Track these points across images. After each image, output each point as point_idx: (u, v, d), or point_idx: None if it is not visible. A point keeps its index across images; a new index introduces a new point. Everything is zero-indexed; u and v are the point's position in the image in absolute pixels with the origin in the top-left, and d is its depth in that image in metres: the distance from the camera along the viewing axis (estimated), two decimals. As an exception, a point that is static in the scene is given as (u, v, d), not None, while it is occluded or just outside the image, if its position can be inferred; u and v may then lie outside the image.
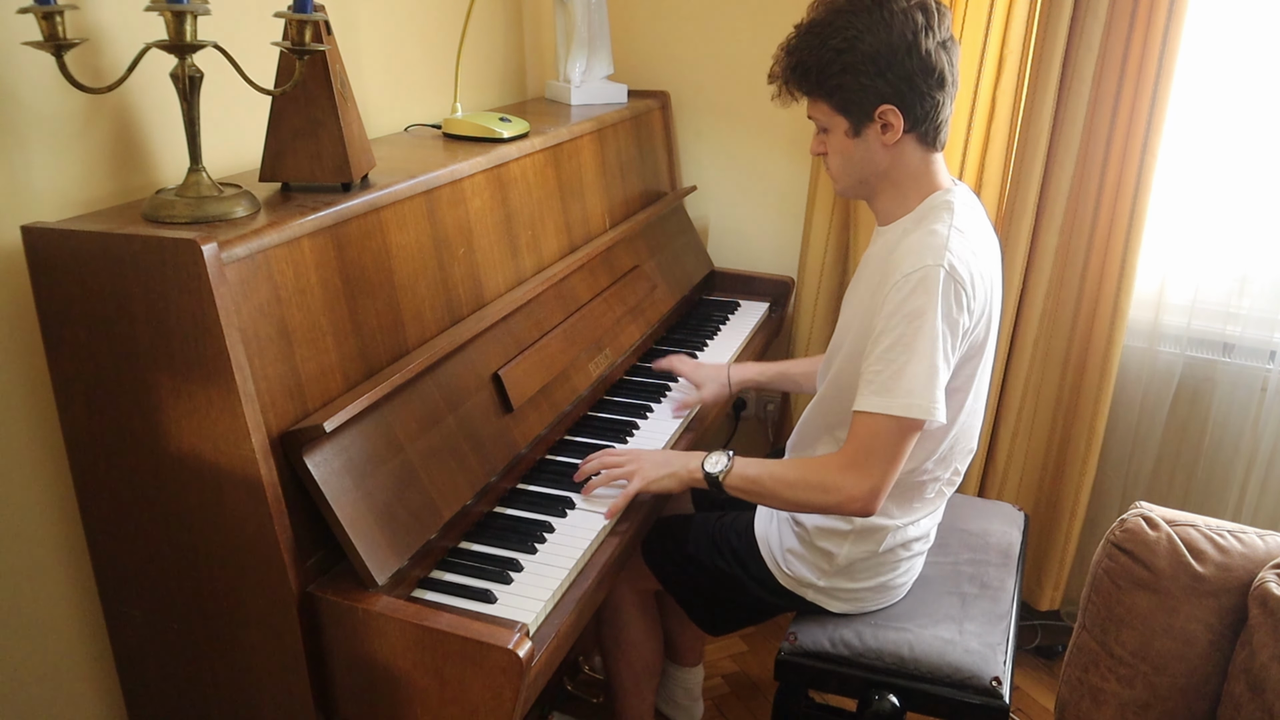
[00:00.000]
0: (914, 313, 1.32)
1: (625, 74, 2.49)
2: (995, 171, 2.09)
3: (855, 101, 1.37)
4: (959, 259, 1.34)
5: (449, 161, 1.62)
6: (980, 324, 1.40)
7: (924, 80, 1.35)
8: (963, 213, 1.41)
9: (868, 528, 1.53)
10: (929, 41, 1.34)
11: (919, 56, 1.34)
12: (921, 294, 1.32)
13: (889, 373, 1.34)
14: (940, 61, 1.35)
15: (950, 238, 1.35)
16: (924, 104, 1.37)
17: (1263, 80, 1.97)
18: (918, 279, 1.33)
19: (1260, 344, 2.06)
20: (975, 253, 1.38)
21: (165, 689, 1.39)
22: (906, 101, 1.36)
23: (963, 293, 1.34)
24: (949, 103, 1.40)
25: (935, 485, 1.55)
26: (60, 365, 1.25)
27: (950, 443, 1.50)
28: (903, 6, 1.33)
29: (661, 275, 2.25)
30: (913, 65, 1.34)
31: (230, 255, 1.16)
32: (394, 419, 1.36)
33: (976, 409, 1.53)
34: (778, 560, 1.60)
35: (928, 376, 1.32)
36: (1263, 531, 1.34)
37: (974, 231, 1.41)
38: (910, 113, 1.37)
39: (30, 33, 1.16)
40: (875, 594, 1.60)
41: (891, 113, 1.37)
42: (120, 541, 1.32)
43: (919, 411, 1.32)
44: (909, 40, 1.33)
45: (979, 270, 1.37)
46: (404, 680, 1.22)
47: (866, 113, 1.38)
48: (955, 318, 1.34)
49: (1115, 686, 1.37)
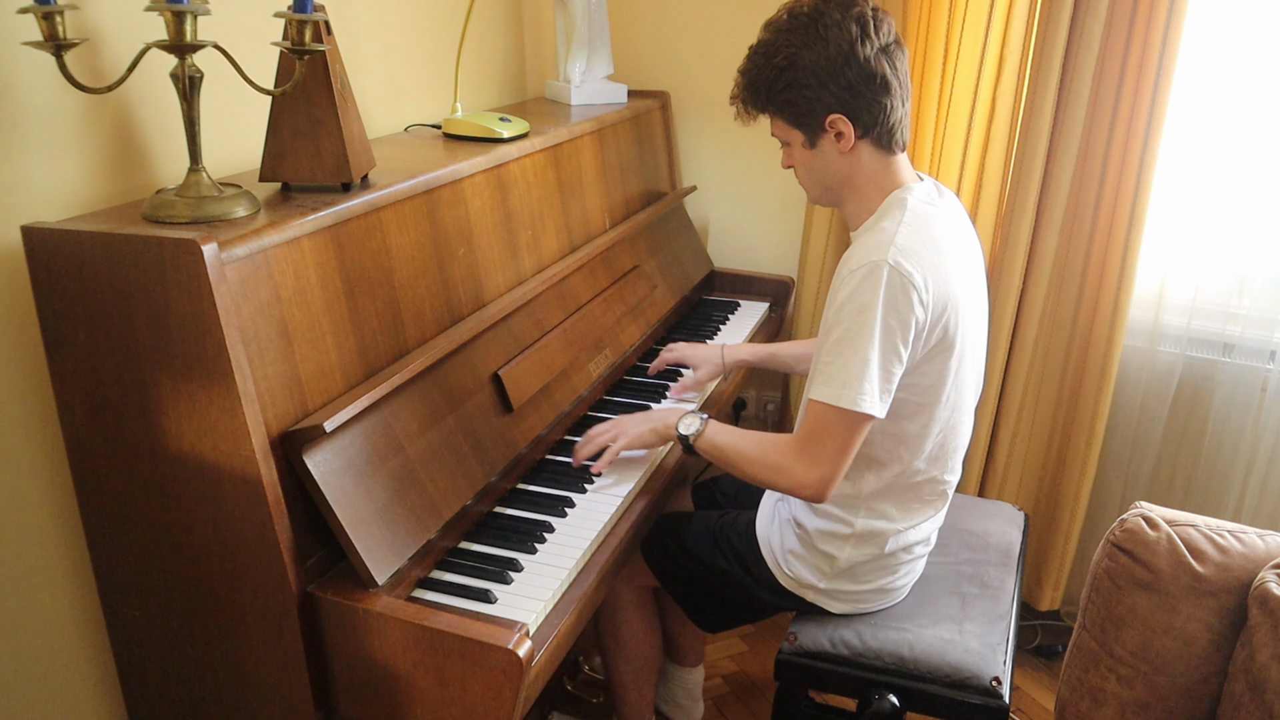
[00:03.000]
0: (858, 307, 1.36)
1: (625, 74, 2.50)
2: (995, 171, 2.09)
3: (805, 114, 1.43)
4: (905, 254, 1.36)
5: (449, 161, 1.62)
6: (944, 318, 1.40)
7: (867, 87, 1.40)
8: (917, 208, 1.43)
9: (869, 531, 1.53)
10: (867, 49, 1.38)
11: (858, 65, 1.38)
12: (866, 288, 1.35)
13: (834, 364, 1.38)
14: (881, 67, 1.40)
15: (898, 233, 1.38)
16: (871, 109, 1.41)
17: (1263, 80, 1.97)
18: (863, 274, 1.36)
19: (1260, 344, 2.06)
20: (927, 246, 1.39)
21: (165, 689, 1.39)
22: (853, 109, 1.41)
23: (910, 287, 1.35)
24: (899, 105, 1.43)
25: (934, 487, 1.55)
26: (60, 365, 1.25)
27: (939, 441, 1.50)
28: (837, 19, 1.39)
29: (661, 275, 2.25)
30: (853, 74, 1.39)
31: (230, 255, 1.16)
32: (394, 419, 1.36)
33: (963, 405, 1.52)
34: (779, 561, 1.60)
35: (860, 369, 1.36)
36: (1263, 531, 1.34)
37: (929, 226, 1.42)
38: (859, 119, 1.42)
39: (30, 33, 1.16)
40: (876, 596, 1.60)
41: (841, 121, 1.42)
42: (120, 541, 1.32)
43: (850, 403, 1.36)
44: (845, 51, 1.38)
45: (932, 263, 1.38)
46: (404, 680, 1.22)
47: (818, 124, 1.43)
48: (903, 313, 1.35)
49: (1115, 686, 1.37)
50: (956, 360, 1.44)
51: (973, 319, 1.48)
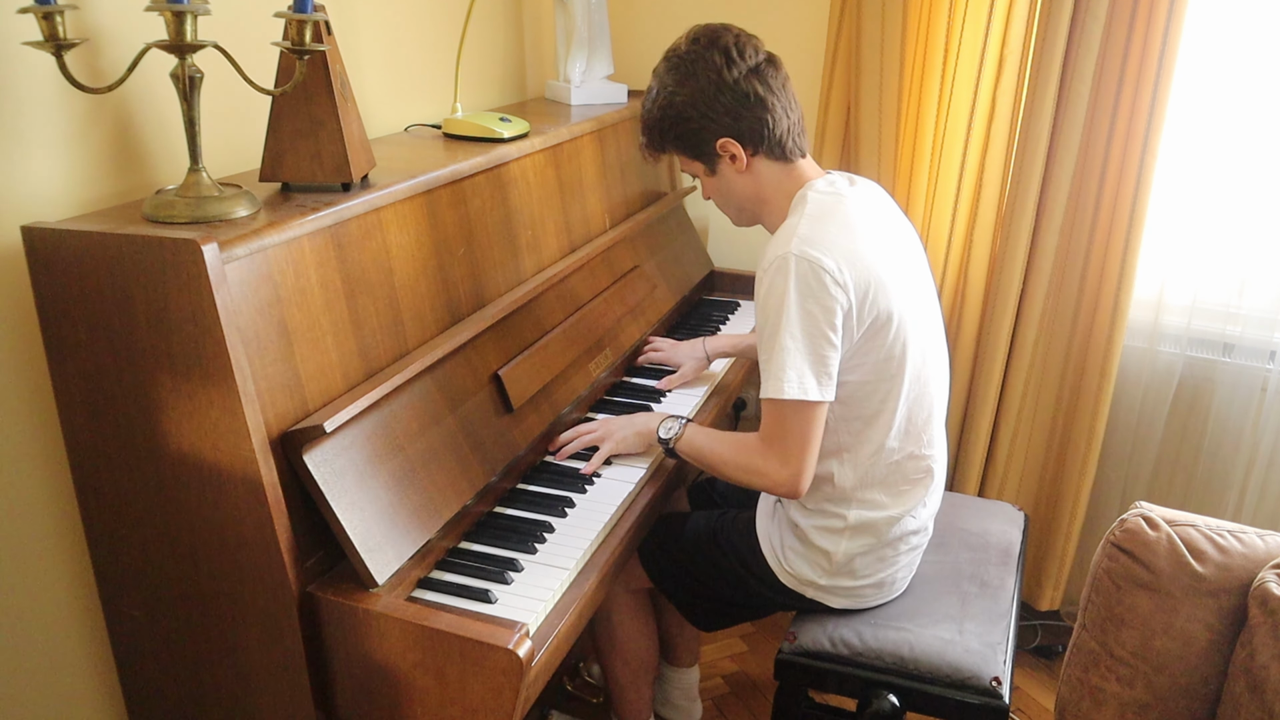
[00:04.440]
0: (776, 301, 1.41)
1: (625, 74, 2.50)
2: (995, 171, 2.09)
3: (697, 145, 1.52)
4: (809, 242, 1.40)
5: (449, 161, 1.62)
6: (869, 295, 1.42)
7: (744, 107, 1.47)
8: (817, 199, 1.48)
9: (863, 522, 1.53)
10: (734, 73, 1.46)
11: (729, 89, 1.46)
12: (779, 282, 1.40)
13: (769, 360, 1.42)
14: (752, 86, 1.47)
15: (799, 225, 1.43)
16: (754, 127, 1.48)
17: (1263, 81, 1.97)
18: (774, 269, 1.41)
19: (1260, 344, 2.06)
20: (835, 232, 1.42)
21: (165, 689, 1.39)
22: (737, 130, 1.48)
23: (821, 271, 1.38)
24: (784, 116, 1.49)
25: (916, 464, 1.55)
26: (60, 365, 1.25)
27: (905, 416, 1.51)
28: (700, 52, 1.47)
29: (661, 275, 2.25)
30: (727, 99, 1.46)
31: (230, 255, 1.16)
32: (394, 419, 1.36)
33: (924, 376, 1.53)
34: (779, 558, 1.60)
35: (791, 358, 1.40)
36: (1263, 531, 1.34)
37: (832, 212, 1.46)
38: (745, 138, 1.49)
39: (30, 33, 1.16)
40: (875, 590, 1.60)
41: (730, 144, 1.49)
42: (120, 541, 1.32)
43: (789, 393, 1.39)
44: (715, 80, 1.46)
45: (843, 246, 1.41)
46: (404, 680, 1.22)
47: (710, 151, 1.51)
48: (820, 297, 1.39)
49: (1115, 686, 1.37)
50: (897, 334, 1.46)
51: (908, 293, 1.49)
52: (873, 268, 1.43)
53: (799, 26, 2.33)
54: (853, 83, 2.21)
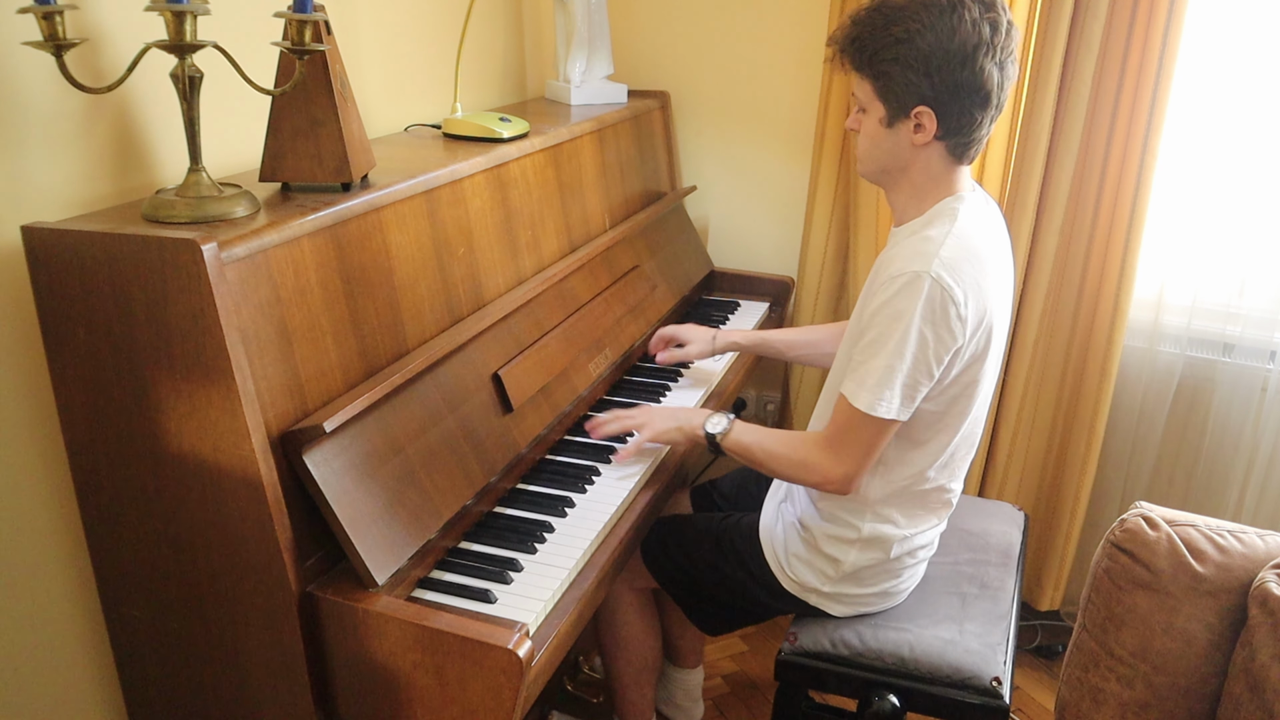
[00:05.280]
0: (895, 314, 1.35)
1: (625, 74, 2.50)
2: (995, 171, 2.09)
3: (896, 94, 1.37)
4: (948, 267, 1.33)
5: (449, 161, 1.62)
6: (979, 334, 1.39)
7: (969, 94, 1.35)
8: (967, 220, 1.40)
9: (875, 536, 1.53)
10: (987, 58, 1.33)
11: (972, 70, 1.33)
12: (905, 297, 1.34)
13: (863, 366, 1.39)
14: (991, 81, 1.34)
15: (943, 245, 1.35)
16: (962, 117, 1.36)
17: (1263, 81, 1.97)
18: (904, 282, 1.34)
19: (1260, 344, 2.06)
20: (972, 260, 1.36)
21: (165, 689, 1.39)
22: (945, 109, 1.36)
23: (950, 303, 1.33)
24: (989, 123, 1.39)
25: (940, 495, 1.55)
26: (60, 365, 1.25)
27: (953, 450, 1.50)
28: (974, 16, 1.32)
29: (661, 275, 2.25)
30: (963, 77, 1.33)
31: (230, 255, 1.16)
32: (394, 419, 1.36)
33: (979, 416, 1.52)
34: (782, 564, 1.60)
35: (888, 376, 1.36)
36: (1263, 531, 1.34)
37: (975, 239, 1.39)
38: (945, 121, 1.37)
39: (30, 33, 1.16)
40: (878, 599, 1.60)
41: (927, 115, 1.37)
42: (120, 542, 1.32)
43: (866, 405, 1.37)
44: (968, 51, 1.32)
45: (974, 278, 1.36)
46: (404, 680, 1.22)
47: (904, 108, 1.37)
48: (939, 326, 1.34)
49: (1115, 686, 1.37)
50: (981, 375, 1.44)
51: (1001, 333, 1.47)
52: (990, 307, 1.39)
53: (799, 26, 2.33)
54: (853, 83, 2.21)
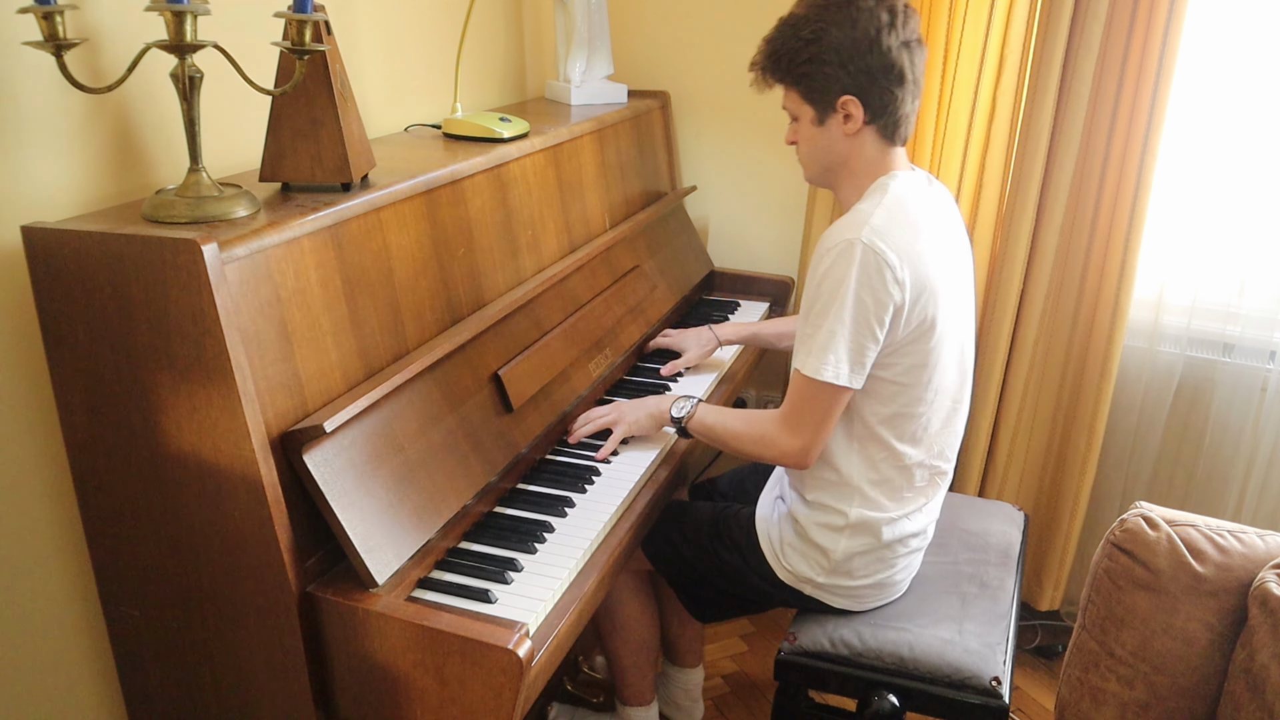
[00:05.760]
0: (834, 282, 1.41)
1: (625, 74, 2.50)
2: (995, 171, 2.09)
3: (820, 91, 1.47)
4: (879, 233, 1.39)
5: (449, 161, 1.62)
6: (921, 299, 1.42)
7: (884, 75, 1.44)
8: (898, 192, 1.47)
9: (863, 521, 1.53)
10: (891, 39, 1.43)
11: (880, 52, 1.43)
12: (841, 264, 1.40)
13: (808, 337, 1.44)
14: (901, 59, 1.44)
15: (874, 214, 1.42)
16: (883, 98, 1.45)
17: (1263, 81, 1.97)
18: (838, 251, 1.41)
19: (1260, 344, 2.06)
20: (904, 228, 1.42)
21: (165, 689, 1.39)
22: (867, 94, 1.45)
23: (885, 266, 1.38)
24: (910, 100, 1.48)
25: (924, 472, 1.55)
26: (60, 365, 1.25)
27: (923, 424, 1.51)
28: (869, 5, 1.43)
29: (661, 275, 2.25)
30: (874, 60, 1.43)
31: (230, 255, 1.16)
32: (394, 419, 1.36)
33: (946, 389, 1.53)
34: (777, 554, 1.61)
35: (832, 343, 1.41)
36: (1263, 531, 1.34)
37: (906, 209, 1.45)
38: (870, 105, 1.46)
39: (30, 33, 1.16)
40: (874, 591, 1.60)
41: (852, 103, 1.46)
42: (120, 541, 1.32)
43: (819, 373, 1.42)
44: (872, 36, 1.42)
45: (907, 244, 1.41)
46: (404, 680, 1.22)
47: (830, 102, 1.47)
48: (878, 290, 1.39)
49: (1115, 686, 1.37)
50: (936, 343, 1.47)
51: (954, 306, 1.50)
52: (930, 273, 1.43)
53: (799, 26, 2.32)
54: (853, 83, 2.21)
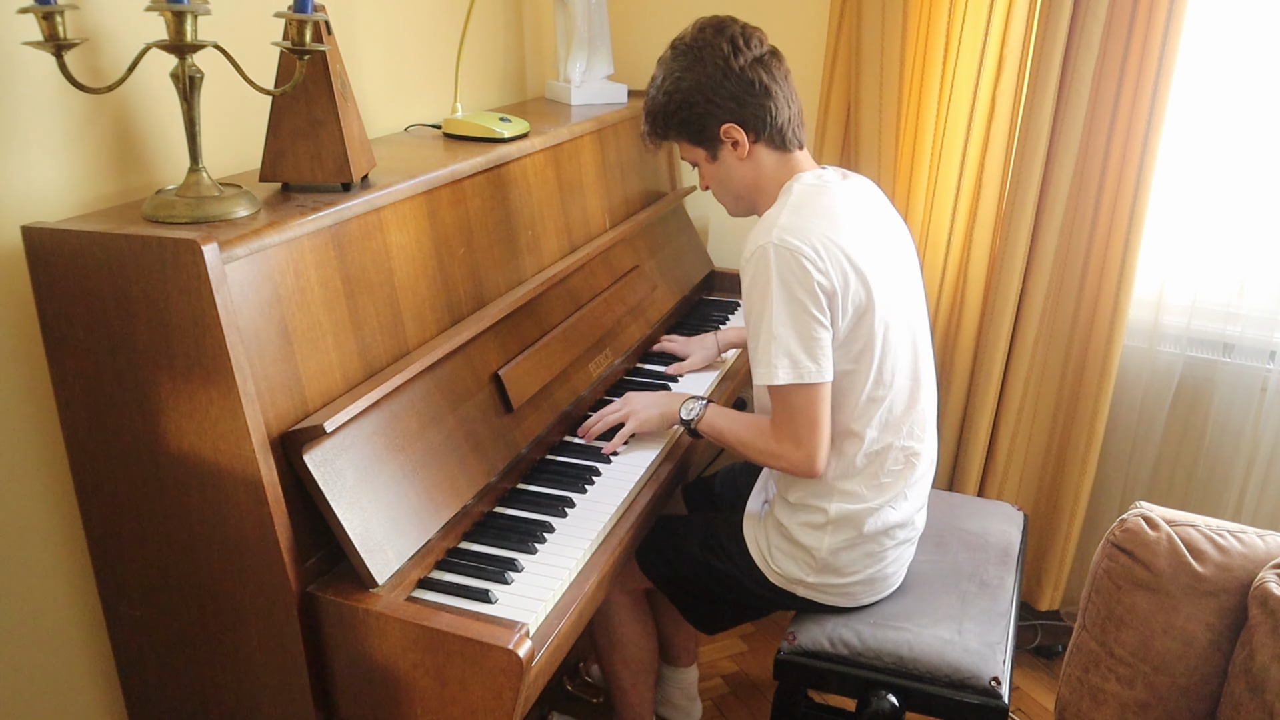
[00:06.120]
0: (760, 290, 1.44)
1: (625, 74, 2.50)
2: (995, 171, 2.09)
3: (700, 130, 1.55)
4: (788, 230, 1.43)
5: (449, 161, 1.62)
6: (849, 282, 1.44)
7: (749, 94, 1.50)
8: (802, 191, 1.51)
9: (842, 515, 1.54)
10: (740, 61, 1.50)
11: (735, 76, 1.50)
12: (760, 271, 1.44)
13: (755, 349, 1.47)
14: (758, 75, 1.50)
15: (780, 215, 1.46)
16: (758, 114, 1.51)
17: (1263, 81, 1.97)
18: (756, 259, 1.45)
19: (1260, 344, 2.06)
20: (815, 220, 1.45)
21: (165, 689, 1.39)
22: (741, 116, 1.51)
23: (801, 258, 1.41)
24: (785, 106, 1.53)
25: (898, 455, 1.55)
26: (60, 365, 1.25)
27: (886, 407, 1.52)
28: (707, 40, 1.51)
29: (661, 275, 2.25)
30: (733, 85, 1.50)
31: (230, 255, 1.16)
32: (394, 419, 1.36)
33: (902, 368, 1.53)
34: (766, 558, 1.61)
35: (778, 343, 1.43)
36: (1263, 531, 1.34)
37: (815, 202, 1.49)
38: (748, 125, 1.52)
39: (30, 33, 1.16)
40: (866, 587, 1.60)
41: (734, 129, 1.52)
42: (120, 541, 1.32)
43: (783, 377, 1.43)
44: (722, 66, 1.50)
45: (821, 232, 1.44)
46: (404, 680, 1.22)
47: (714, 137, 1.54)
48: (804, 281, 1.41)
49: (1115, 686, 1.37)
50: (877, 324, 1.47)
51: (890, 286, 1.51)
52: (852, 257, 1.45)
53: (799, 26, 2.33)
54: (853, 82, 2.21)
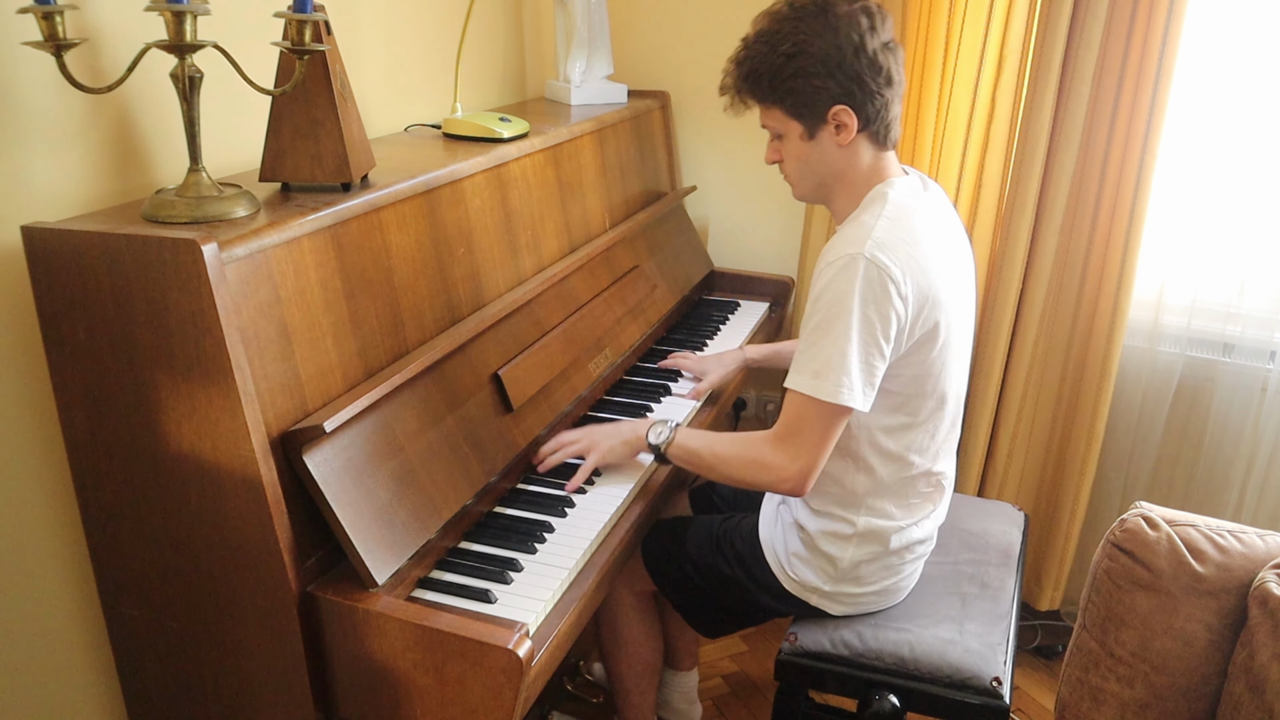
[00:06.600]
0: (834, 298, 1.36)
1: (625, 74, 2.50)
2: (995, 171, 2.09)
3: (808, 104, 1.42)
4: (882, 246, 1.35)
5: (449, 161, 1.62)
6: (923, 311, 1.39)
7: (873, 79, 1.40)
8: (898, 201, 1.43)
9: (871, 530, 1.53)
10: (874, 42, 1.39)
11: (867, 56, 1.38)
12: (842, 279, 1.35)
13: (809, 354, 1.39)
14: (886, 61, 1.40)
15: (876, 226, 1.38)
16: (874, 102, 1.41)
17: (1263, 81, 1.97)
18: (840, 265, 1.36)
19: (1260, 344, 2.06)
20: (906, 239, 1.38)
21: (165, 689, 1.39)
22: (857, 101, 1.40)
23: (888, 281, 1.35)
24: (897, 101, 1.45)
25: (929, 480, 1.55)
26: (60, 365, 1.25)
27: (929, 433, 1.50)
28: (846, 10, 1.39)
29: (661, 275, 2.25)
30: (861, 65, 1.38)
31: (230, 255, 1.16)
32: (394, 419, 1.36)
33: (951, 396, 1.51)
34: (783, 564, 1.60)
35: (838, 361, 1.35)
36: (1263, 531, 1.34)
37: (908, 219, 1.42)
38: (862, 111, 1.41)
39: (30, 33, 1.16)
40: (878, 597, 1.60)
41: (845, 112, 1.41)
42: (120, 541, 1.32)
43: (827, 394, 1.36)
44: (856, 42, 1.38)
45: (910, 256, 1.37)
46: (404, 680, 1.22)
47: (820, 115, 1.42)
48: (882, 305, 1.35)
49: (1115, 686, 1.37)
50: (940, 352, 1.44)
51: (957, 311, 1.47)
52: (933, 283, 1.40)
53: (799, 26, 2.32)
54: (853, 83, 2.21)
